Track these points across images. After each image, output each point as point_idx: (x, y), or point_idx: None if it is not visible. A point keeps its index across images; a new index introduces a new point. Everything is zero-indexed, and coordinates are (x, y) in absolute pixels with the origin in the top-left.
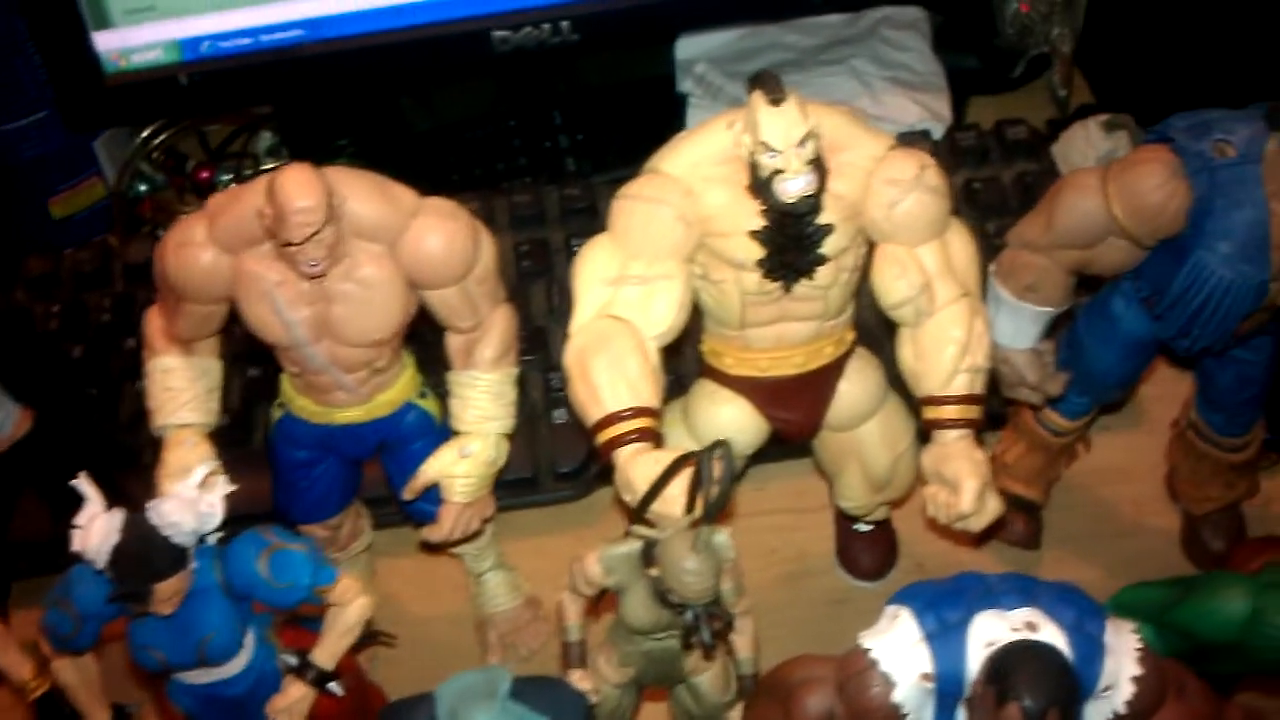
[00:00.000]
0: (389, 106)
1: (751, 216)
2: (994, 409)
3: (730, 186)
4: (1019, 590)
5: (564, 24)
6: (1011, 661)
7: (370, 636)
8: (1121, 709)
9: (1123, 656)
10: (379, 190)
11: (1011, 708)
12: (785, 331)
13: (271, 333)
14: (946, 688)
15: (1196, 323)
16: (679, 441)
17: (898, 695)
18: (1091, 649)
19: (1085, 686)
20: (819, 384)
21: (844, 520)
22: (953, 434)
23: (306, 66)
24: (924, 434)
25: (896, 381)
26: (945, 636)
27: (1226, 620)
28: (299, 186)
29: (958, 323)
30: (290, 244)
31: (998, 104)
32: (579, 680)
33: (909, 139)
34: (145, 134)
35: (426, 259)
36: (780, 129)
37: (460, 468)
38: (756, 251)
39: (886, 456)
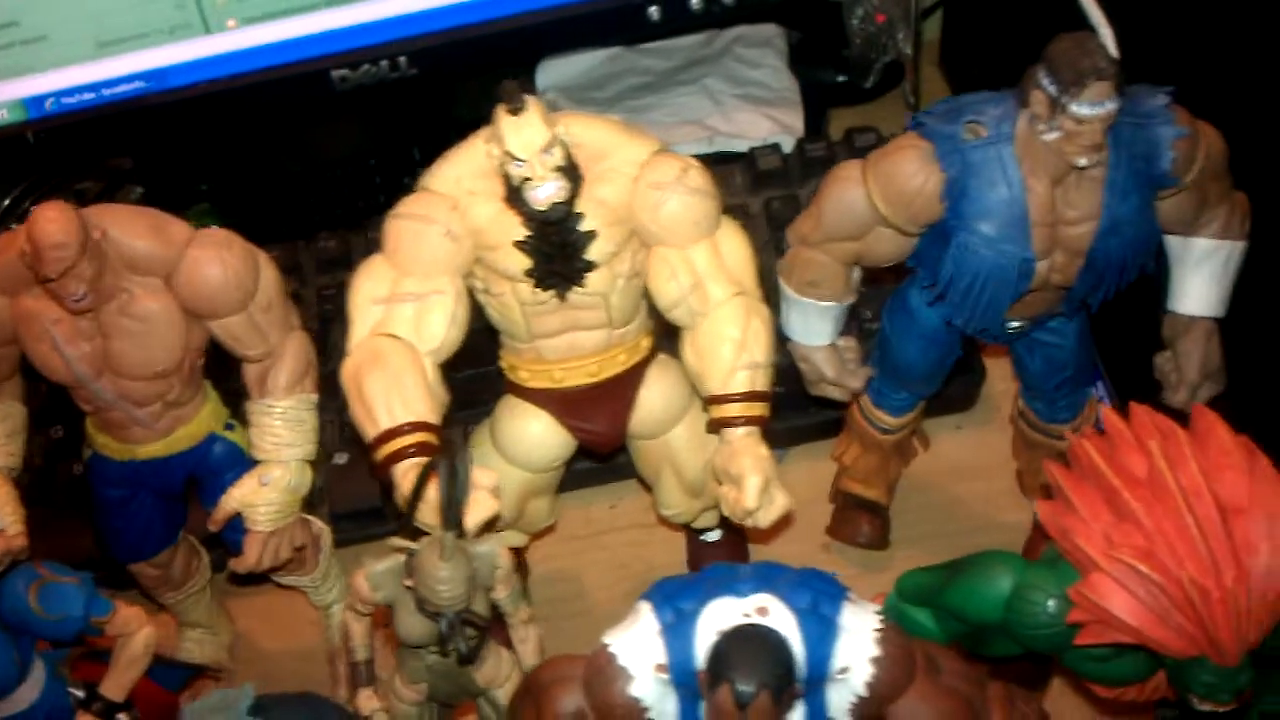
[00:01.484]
0: (249, 150)
1: (516, 227)
2: (836, 415)
3: (494, 199)
4: (759, 577)
5: (401, 60)
6: (727, 645)
7: (197, 671)
8: (862, 690)
9: (860, 638)
10: (149, 224)
11: (723, 690)
12: (575, 341)
13: (54, 371)
14: (680, 677)
15: (967, 304)
16: (488, 460)
17: (636, 689)
18: (824, 631)
19: (816, 668)
20: (617, 393)
21: (693, 532)
22: (738, 431)
23: (152, 116)
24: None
25: None
26: (679, 627)
27: (990, 599)
28: (51, 224)
29: (733, 321)
30: (49, 279)
31: (858, 115)
32: (366, 700)
33: (760, 153)
34: (15, 194)
35: (204, 289)
36: (522, 137)
37: (261, 496)
38: (525, 261)
39: (698, 461)
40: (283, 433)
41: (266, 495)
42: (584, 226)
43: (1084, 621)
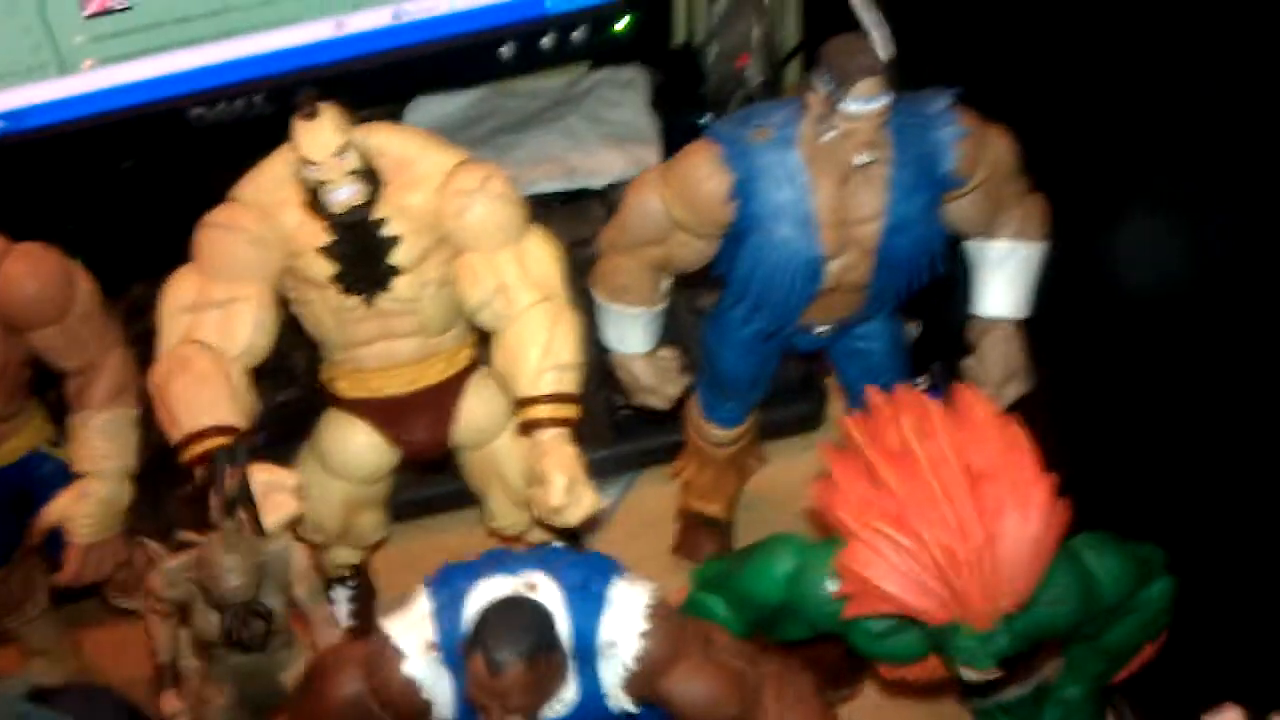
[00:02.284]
0: (113, 190)
1: (321, 234)
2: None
3: (300, 207)
4: (537, 558)
5: (257, 98)
6: (485, 617)
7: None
8: (631, 664)
9: (628, 612)
10: None
11: (477, 659)
12: (390, 350)
13: None
14: (450, 655)
15: (763, 305)
16: (312, 473)
17: (409, 668)
18: (592, 606)
19: (583, 640)
20: (437, 402)
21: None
22: (547, 433)
23: (12, 157)
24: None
25: None
26: (451, 605)
27: (774, 580)
28: None
29: (539, 325)
30: None
31: None
32: (170, 701)
33: (616, 188)
34: None
35: (18, 301)
36: (315, 142)
37: (80, 508)
38: (330, 267)
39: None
40: (100, 445)
41: (85, 507)
42: (387, 232)
43: (851, 594)
